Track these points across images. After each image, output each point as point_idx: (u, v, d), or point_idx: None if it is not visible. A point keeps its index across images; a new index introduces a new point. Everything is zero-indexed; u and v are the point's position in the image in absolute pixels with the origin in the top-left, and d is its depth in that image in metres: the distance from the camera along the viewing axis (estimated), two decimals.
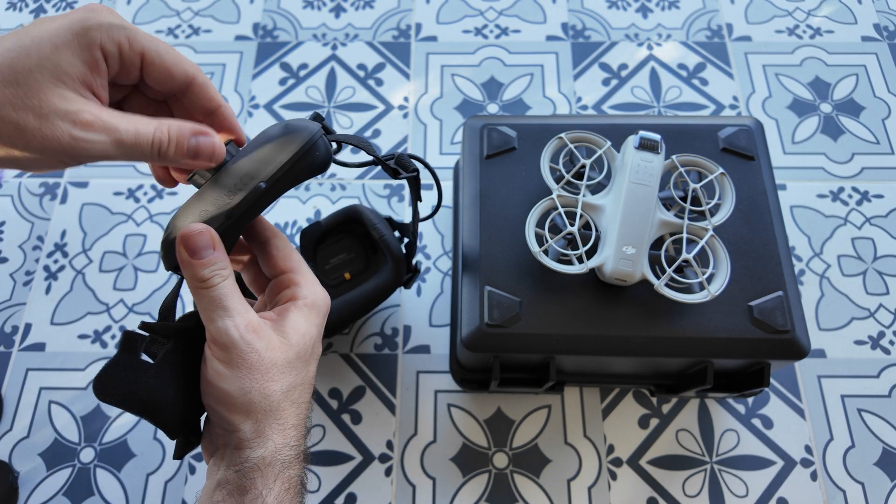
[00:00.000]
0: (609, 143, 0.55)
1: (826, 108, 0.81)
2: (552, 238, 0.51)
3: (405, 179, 0.44)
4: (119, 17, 0.32)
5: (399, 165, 0.44)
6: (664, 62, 0.85)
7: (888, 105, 0.81)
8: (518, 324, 0.52)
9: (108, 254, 0.74)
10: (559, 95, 0.83)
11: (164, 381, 0.34)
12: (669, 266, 0.50)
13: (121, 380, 0.33)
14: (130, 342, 0.34)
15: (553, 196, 0.53)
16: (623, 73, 0.84)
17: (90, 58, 0.30)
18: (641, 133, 0.53)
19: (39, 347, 0.69)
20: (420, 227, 0.75)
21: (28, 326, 0.70)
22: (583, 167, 0.54)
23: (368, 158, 0.42)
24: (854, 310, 0.70)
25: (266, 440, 0.34)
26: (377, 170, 0.78)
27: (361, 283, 0.60)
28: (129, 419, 0.66)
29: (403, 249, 0.59)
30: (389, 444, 0.65)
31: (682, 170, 0.53)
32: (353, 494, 0.62)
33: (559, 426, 0.65)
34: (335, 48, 0.87)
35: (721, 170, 0.53)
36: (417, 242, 0.65)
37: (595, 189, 0.55)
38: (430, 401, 0.66)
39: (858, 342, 0.68)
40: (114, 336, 0.70)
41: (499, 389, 0.63)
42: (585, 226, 0.53)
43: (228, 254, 0.35)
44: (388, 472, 0.63)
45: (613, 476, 0.63)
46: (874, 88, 0.82)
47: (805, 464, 0.63)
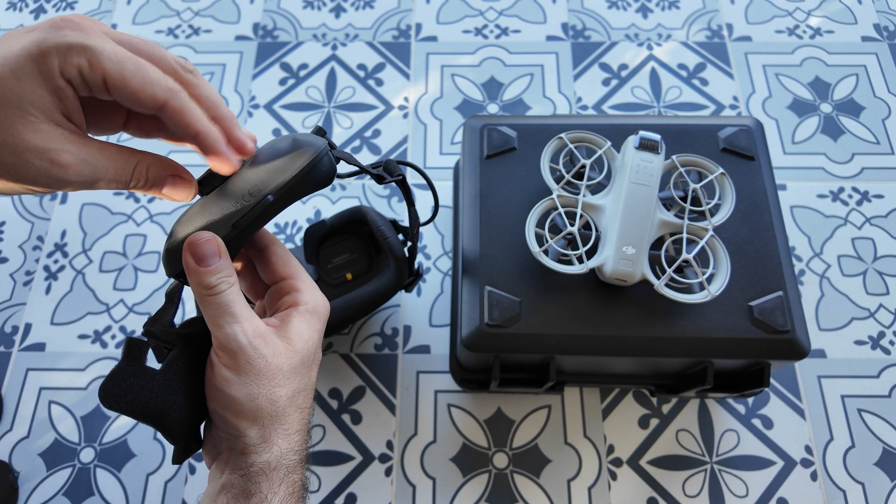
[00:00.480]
0: (609, 144, 0.55)
1: (826, 109, 0.81)
2: (552, 238, 0.51)
3: (396, 184, 0.45)
4: (84, 34, 0.28)
5: (386, 171, 0.45)
6: (664, 62, 0.85)
7: (888, 105, 0.81)
8: (518, 324, 0.52)
9: (108, 254, 0.74)
10: (559, 95, 0.83)
11: (170, 388, 0.34)
12: (669, 266, 0.50)
13: (127, 387, 0.33)
14: (134, 349, 0.34)
15: (553, 196, 0.53)
16: (623, 74, 0.84)
17: (53, 86, 0.28)
18: (641, 133, 0.53)
19: (39, 347, 0.69)
20: (420, 229, 0.75)
21: (28, 326, 0.70)
22: (583, 167, 0.54)
23: (365, 164, 0.44)
24: (854, 310, 0.70)
25: (272, 445, 0.34)
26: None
27: (363, 285, 0.60)
28: (130, 419, 0.66)
29: (406, 253, 0.59)
30: (389, 444, 0.65)
31: (682, 170, 0.53)
32: (353, 494, 0.62)
33: (559, 426, 0.65)
34: (335, 48, 0.87)
35: (721, 170, 0.53)
36: (417, 244, 0.65)
37: (595, 189, 0.55)
38: (430, 401, 0.66)
39: (858, 342, 0.68)
40: (114, 336, 0.70)
41: (499, 389, 0.63)
42: (585, 226, 0.53)
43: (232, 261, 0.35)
44: (388, 473, 0.63)
45: (613, 476, 0.63)
46: (874, 88, 0.82)
47: (805, 464, 0.63)
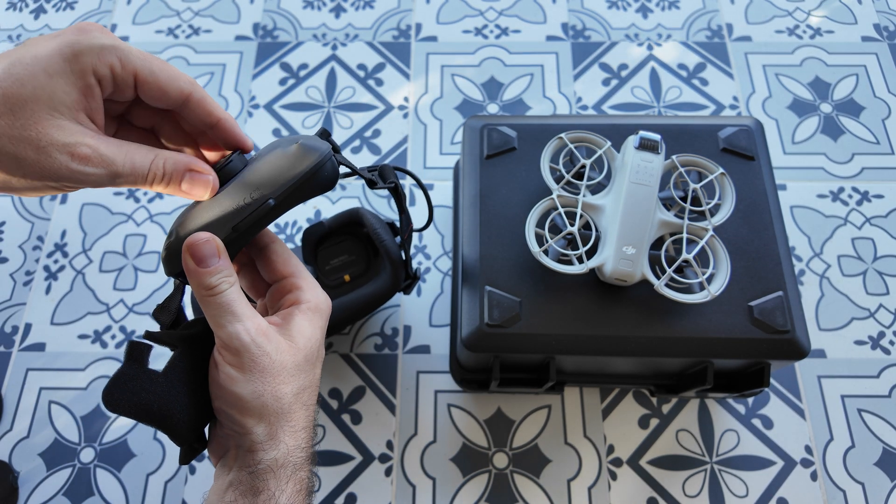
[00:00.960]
0: (609, 144, 0.55)
1: (826, 109, 0.81)
2: (552, 238, 0.51)
3: (389, 191, 0.46)
4: (110, 37, 0.31)
5: (380, 176, 0.45)
6: (664, 62, 0.85)
7: (888, 105, 0.81)
8: (518, 324, 0.52)
9: (108, 254, 0.74)
10: (559, 95, 0.83)
11: (174, 389, 0.34)
12: (669, 266, 0.50)
13: (130, 390, 0.33)
14: (136, 352, 0.34)
15: (553, 196, 0.53)
16: (623, 74, 0.84)
17: (84, 84, 0.30)
18: (641, 133, 0.53)
19: (39, 347, 0.69)
20: (415, 233, 0.75)
21: (28, 326, 0.70)
22: (583, 167, 0.54)
23: (363, 166, 0.43)
24: (854, 310, 0.70)
25: (278, 443, 0.34)
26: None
27: (360, 287, 0.60)
28: (129, 419, 0.66)
29: (404, 255, 0.59)
30: (389, 444, 0.65)
31: (682, 170, 0.53)
32: (353, 494, 0.62)
33: (559, 426, 0.65)
34: (335, 48, 0.87)
35: (721, 170, 0.53)
36: (411, 247, 0.64)
37: (595, 189, 0.55)
38: (430, 401, 0.66)
39: (858, 342, 0.68)
40: (114, 336, 0.70)
41: (499, 389, 0.63)
42: (585, 226, 0.53)
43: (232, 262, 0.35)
44: (388, 473, 0.63)
45: (613, 476, 0.63)
46: (874, 88, 0.82)
47: (805, 464, 0.63)
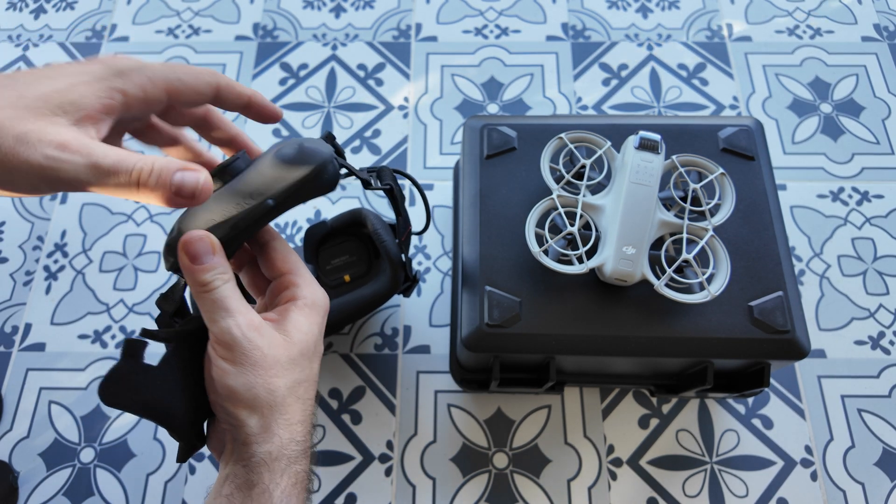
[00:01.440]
0: (609, 144, 0.55)
1: (826, 109, 0.81)
2: (552, 238, 0.51)
3: (384, 192, 0.46)
4: (136, 62, 0.33)
5: (378, 178, 0.45)
6: (664, 62, 0.85)
7: (888, 105, 0.81)
8: (518, 324, 0.52)
9: (109, 254, 0.74)
10: (559, 95, 0.83)
11: (169, 383, 0.35)
12: (669, 266, 0.50)
13: (126, 385, 0.34)
14: (132, 348, 0.34)
15: (553, 196, 0.53)
16: (623, 74, 0.84)
17: (108, 101, 0.31)
18: (641, 133, 0.53)
19: (39, 347, 0.69)
20: (420, 229, 0.75)
21: (28, 326, 0.70)
22: (583, 167, 0.54)
23: (363, 166, 0.44)
24: (854, 310, 0.70)
25: (272, 435, 0.35)
26: None
27: (359, 287, 0.60)
28: (130, 419, 0.66)
29: (403, 258, 0.59)
30: (389, 444, 0.65)
31: (682, 170, 0.53)
32: (353, 495, 0.62)
33: (559, 426, 0.65)
34: (335, 48, 0.87)
35: (721, 170, 0.53)
36: (411, 248, 0.64)
37: (595, 189, 0.55)
38: (430, 401, 0.66)
39: (858, 342, 0.68)
40: (114, 336, 0.70)
41: (499, 389, 0.63)
42: (585, 226, 0.53)
43: (230, 259, 0.36)
44: (388, 473, 0.63)
45: (613, 476, 0.63)
46: (874, 88, 0.82)
47: (805, 464, 0.63)
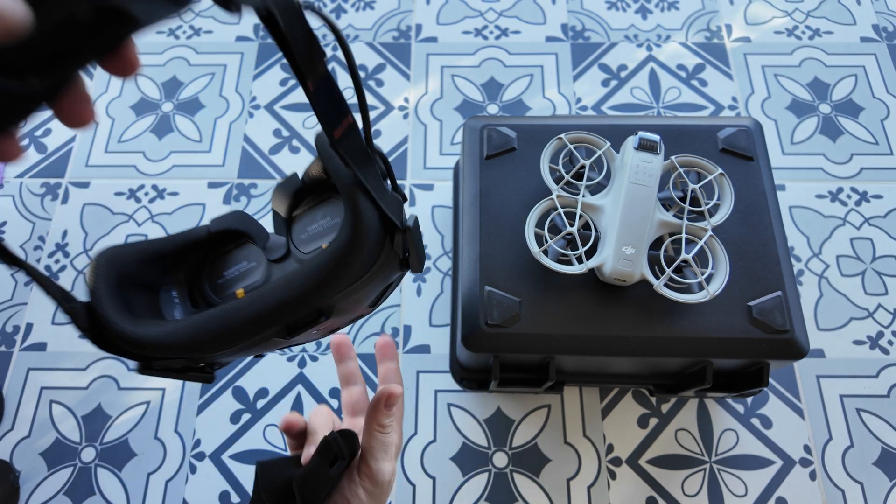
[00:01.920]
0: (608, 144, 0.55)
1: (825, 109, 0.82)
2: (552, 238, 0.51)
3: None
4: None
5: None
6: (663, 63, 0.85)
7: (887, 106, 0.81)
8: (518, 324, 0.52)
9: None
10: (559, 96, 0.83)
11: (325, 489, 0.39)
12: (669, 266, 0.50)
13: (315, 485, 0.38)
14: (329, 452, 0.38)
15: (553, 196, 0.53)
16: (622, 74, 0.84)
17: None
18: (641, 134, 0.53)
19: (40, 347, 0.69)
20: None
21: (29, 326, 0.71)
22: (582, 168, 0.54)
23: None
24: (853, 310, 0.70)
25: None
26: None
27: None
28: (130, 419, 0.66)
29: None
30: None
31: (682, 170, 0.53)
32: None
33: (559, 426, 0.65)
34: (335, 49, 0.87)
35: (720, 170, 0.53)
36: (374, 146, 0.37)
37: (595, 189, 0.55)
38: (430, 400, 0.66)
39: (857, 342, 0.68)
40: None
41: (499, 389, 0.63)
42: (585, 226, 0.53)
43: None
44: None
45: (613, 475, 0.63)
46: (873, 89, 0.83)
47: (804, 463, 0.63)
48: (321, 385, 0.67)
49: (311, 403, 0.66)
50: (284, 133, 0.81)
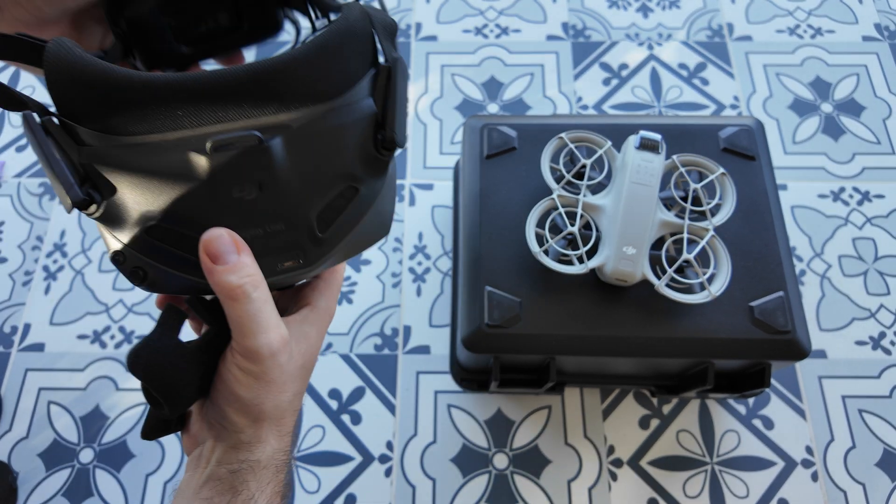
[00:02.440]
0: (609, 143, 0.54)
1: (827, 108, 0.81)
2: (552, 238, 0.51)
3: None
4: None
5: None
6: (665, 62, 0.85)
7: (889, 105, 0.81)
8: (518, 324, 0.52)
9: (108, 254, 0.74)
10: (559, 95, 0.83)
11: (192, 368, 0.32)
12: (670, 266, 0.50)
13: (156, 356, 0.31)
14: (171, 320, 0.32)
15: (553, 196, 0.52)
16: (623, 73, 0.84)
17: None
18: (642, 133, 0.53)
19: (38, 348, 0.69)
20: (419, 229, 0.75)
21: (27, 327, 0.70)
22: (583, 167, 0.54)
23: None
24: (855, 310, 0.70)
25: (265, 445, 0.34)
26: None
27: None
28: (129, 419, 0.66)
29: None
30: (389, 445, 0.64)
31: (683, 170, 0.53)
32: (353, 495, 0.62)
33: (559, 427, 0.65)
34: None
35: (722, 170, 0.53)
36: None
37: (595, 189, 0.55)
38: (430, 401, 0.66)
39: (859, 343, 0.68)
40: (113, 336, 0.69)
41: (499, 390, 0.63)
42: (586, 226, 0.53)
43: None
44: (388, 473, 0.63)
45: (614, 477, 0.63)
46: (875, 88, 0.82)
47: (806, 464, 0.63)
48: (321, 385, 0.67)
49: (309, 403, 0.66)
50: None
